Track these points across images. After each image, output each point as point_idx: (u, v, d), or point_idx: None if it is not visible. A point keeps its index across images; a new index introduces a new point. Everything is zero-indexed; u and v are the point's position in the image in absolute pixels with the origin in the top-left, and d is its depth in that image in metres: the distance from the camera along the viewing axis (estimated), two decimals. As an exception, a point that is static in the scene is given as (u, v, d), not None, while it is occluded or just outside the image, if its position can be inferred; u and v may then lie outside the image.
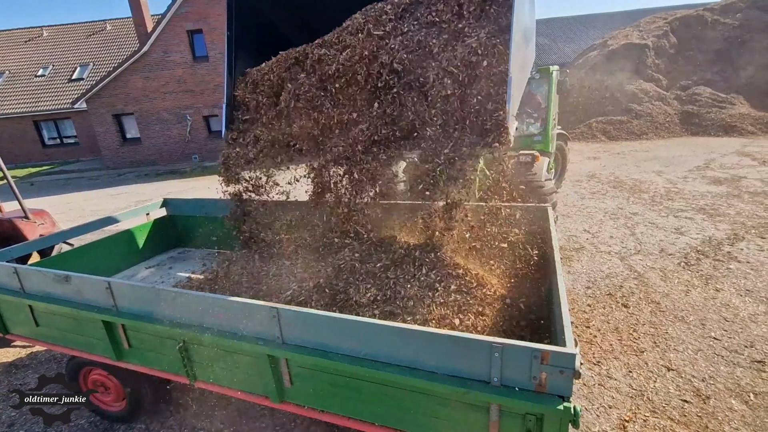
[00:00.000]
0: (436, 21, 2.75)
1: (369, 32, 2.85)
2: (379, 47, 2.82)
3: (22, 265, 3.26)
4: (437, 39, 2.69)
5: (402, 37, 2.79)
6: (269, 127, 3.34)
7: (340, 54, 2.95)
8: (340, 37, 3.00)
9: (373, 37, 2.84)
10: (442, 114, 2.62)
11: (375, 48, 2.82)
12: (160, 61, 16.39)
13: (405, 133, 2.79)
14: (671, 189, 8.47)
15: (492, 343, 1.55)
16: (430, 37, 2.71)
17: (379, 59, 2.80)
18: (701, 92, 15.13)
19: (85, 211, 10.67)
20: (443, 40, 2.67)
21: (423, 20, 2.81)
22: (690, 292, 4.63)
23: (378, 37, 2.84)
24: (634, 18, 20.99)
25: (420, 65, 2.71)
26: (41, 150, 22.35)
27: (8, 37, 25.13)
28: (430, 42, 2.69)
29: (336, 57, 2.96)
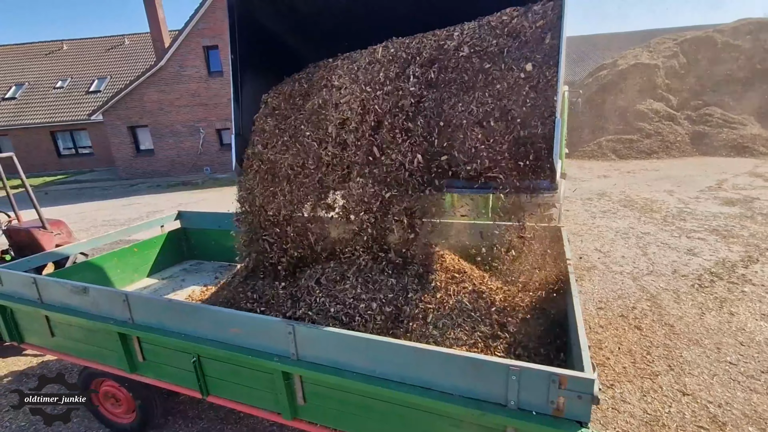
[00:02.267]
0: (478, 51, 2.56)
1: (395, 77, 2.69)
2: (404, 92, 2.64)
3: (40, 275, 3.33)
4: (474, 73, 2.51)
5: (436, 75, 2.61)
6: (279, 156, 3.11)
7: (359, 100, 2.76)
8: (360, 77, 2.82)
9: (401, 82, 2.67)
10: (485, 152, 2.38)
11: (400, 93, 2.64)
12: (176, 75, 16.81)
13: (439, 172, 2.59)
14: (683, 209, 8.40)
15: (509, 366, 1.55)
16: (466, 72, 2.54)
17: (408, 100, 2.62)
18: (712, 113, 15.10)
19: (97, 220, 10.84)
20: (484, 71, 2.49)
21: (459, 56, 2.60)
22: (704, 315, 4.56)
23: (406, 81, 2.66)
24: (643, 39, 21.17)
25: (456, 102, 2.52)
26: (56, 160, 22.86)
27: (29, 50, 25.99)
28: (466, 77, 2.53)
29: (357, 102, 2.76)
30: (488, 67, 2.49)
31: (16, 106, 22.61)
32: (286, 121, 3.20)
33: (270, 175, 3.11)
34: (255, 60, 3.34)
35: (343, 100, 2.84)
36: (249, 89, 3.38)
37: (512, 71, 2.40)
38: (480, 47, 2.55)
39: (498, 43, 2.50)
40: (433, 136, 2.55)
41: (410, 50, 2.76)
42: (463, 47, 2.59)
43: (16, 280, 3.05)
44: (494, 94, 2.43)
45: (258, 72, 3.39)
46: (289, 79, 3.43)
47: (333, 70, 3.13)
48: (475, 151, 2.41)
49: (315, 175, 2.92)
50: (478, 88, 2.49)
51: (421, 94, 2.62)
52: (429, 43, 2.73)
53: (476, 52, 2.55)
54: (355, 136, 2.76)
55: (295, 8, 3.19)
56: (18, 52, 25.99)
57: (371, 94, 2.72)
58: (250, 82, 3.37)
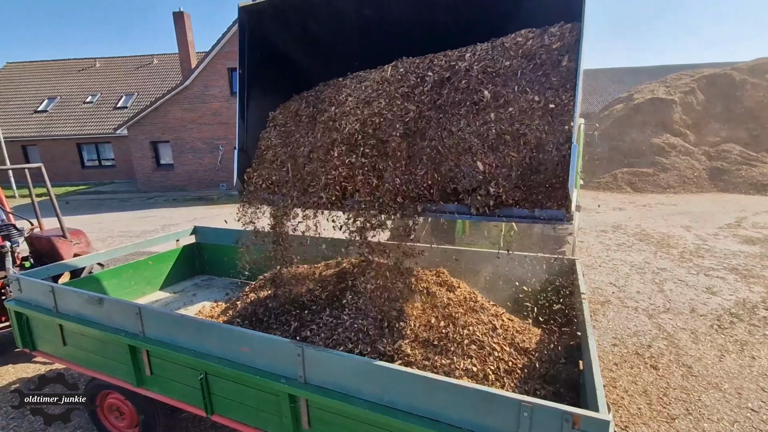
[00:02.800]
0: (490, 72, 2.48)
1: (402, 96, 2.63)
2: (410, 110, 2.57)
3: (57, 284, 3.40)
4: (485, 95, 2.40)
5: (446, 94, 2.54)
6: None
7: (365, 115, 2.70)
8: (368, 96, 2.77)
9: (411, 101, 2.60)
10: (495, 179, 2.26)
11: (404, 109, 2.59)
12: (200, 94, 17.44)
13: (444, 194, 2.51)
14: (701, 245, 8.21)
15: (522, 402, 1.51)
16: (476, 93, 2.45)
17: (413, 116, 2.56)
18: (730, 149, 14.95)
19: (114, 231, 11.06)
20: (496, 93, 2.39)
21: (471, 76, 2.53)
22: (724, 357, 4.38)
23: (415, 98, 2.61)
24: (659, 74, 21.31)
25: (465, 124, 2.42)
26: (80, 170, 23.63)
27: (64, 66, 27.36)
28: (476, 98, 2.42)
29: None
30: (500, 89, 2.37)
31: (47, 118, 23.62)
32: (289, 139, 3.16)
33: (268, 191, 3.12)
34: (263, 77, 3.32)
35: (345, 120, 2.78)
36: (255, 106, 3.35)
37: (526, 94, 2.29)
38: (492, 68, 2.44)
39: (511, 65, 2.39)
40: (439, 160, 2.44)
41: (419, 70, 2.69)
42: (474, 68, 2.49)
43: (34, 288, 3.12)
44: (506, 117, 2.30)
45: (265, 89, 3.37)
46: (298, 96, 3.40)
47: (340, 89, 3.08)
48: (483, 177, 2.29)
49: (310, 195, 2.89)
50: (489, 110, 2.36)
51: (429, 116, 2.53)
52: (439, 63, 2.66)
53: (488, 73, 2.44)
54: (356, 158, 2.67)
55: (308, 28, 3.15)
56: (54, 67, 27.37)
57: (376, 114, 2.64)
58: (256, 99, 3.35)
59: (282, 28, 3.22)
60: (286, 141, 3.17)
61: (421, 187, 2.48)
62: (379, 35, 2.97)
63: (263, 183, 3.13)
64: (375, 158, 2.61)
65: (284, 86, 3.48)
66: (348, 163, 2.69)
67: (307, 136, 3.06)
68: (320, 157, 2.85)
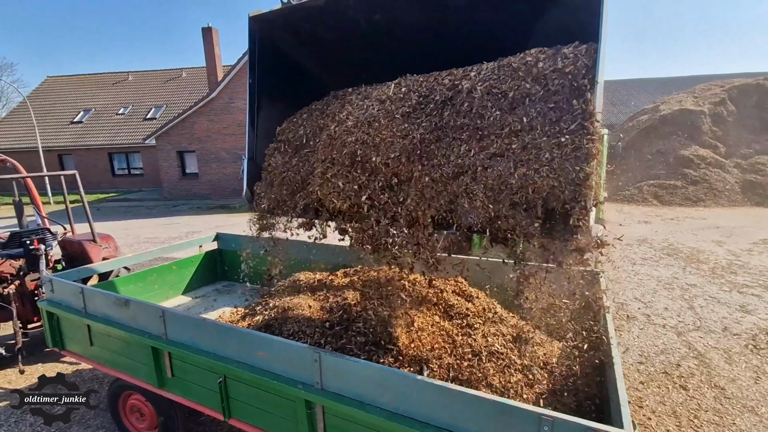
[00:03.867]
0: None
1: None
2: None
3: (87, 286, 3.53)
4: (491, 120, 2.21)
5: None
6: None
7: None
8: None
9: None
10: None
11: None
12: (225, 106, 18.00)
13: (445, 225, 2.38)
14: (734, 261, 7.85)
15: (542, 416, 1.47)
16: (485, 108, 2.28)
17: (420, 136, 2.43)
18: (765, 162, 14.34)
19: (140, 237, 11.43)
20: (502, 119, 2.21)
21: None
22: (760, 379, 4.14)
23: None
24: (686, 85, 20.75)
25: (467, 150, 2.25)
26: (111, 178, 24.64)
27: (100, 79, 28.78)
28: (479, 123, 2.25)
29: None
30: (506, 115, 2.16)
31: (82, 129, 24.82)
32: (292, 158, 3.12)
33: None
34: (274, 86, 3.29)
35: (343, 140, 2.68)
36: (266, 116, 3.34)
37: (535, 130, 2.05)
38: (498, 90, 2.24)
39: (520, 88, 2.18)
40: (431, 195, 2.27)
41: (422, 89, 2.57)
42: (477, 88, 2.32)
43: (65, 289, 3.25)
44: (513, 147, 2.07)
45: (276, 99, 3.35)
46: (306, 108, 3.39)
47: (344, 104, 3.02)
48: (483, 209, 2.07)
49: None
50: (494, 137, 2.16)
51: (429, 139, 2.37)
52: (444, 82, 2.52)
53: (493, 95, 2.26)
54: (350, 183, 2.57)
55: (318, 36, 3.13)
56: (90, 81, 28.84)
57: (374, 137, 2.53)
58: (267, 109, 3.33)
59: (292, 37, 3.21)
60: (290, 160, 3.13)
61: (416, 217, 2.32)
62: (389, 41, 2.95)
63: (268, 205, 3.08)
64: (369, 183, 2.49)
65: (295, 95, 3.46)
66: (340, 186, 2.57)
67: (308, 155, 3.01)
68: (317, 178, 2.77)
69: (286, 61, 3.35)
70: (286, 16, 2.98)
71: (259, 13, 3.04)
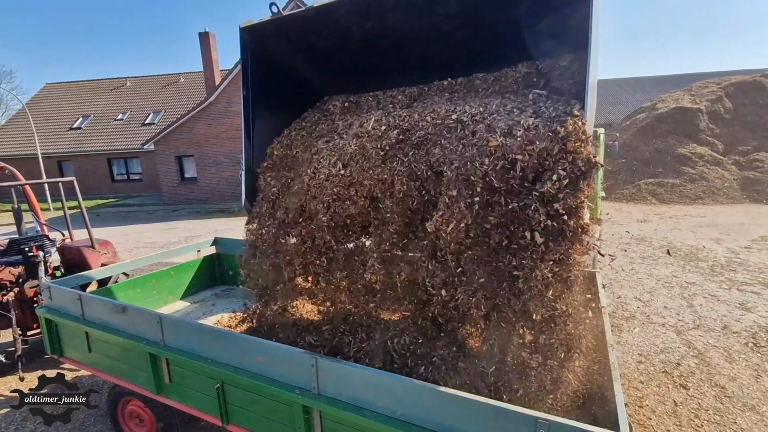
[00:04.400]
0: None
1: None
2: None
3: (85, 292, 3.52)
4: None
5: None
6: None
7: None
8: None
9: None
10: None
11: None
12: (223, 110, 18.01)
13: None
14: (733, 259, 7.85)
15: (537, 419, 1.47)
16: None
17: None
18: (763, 159, 14.35)
19: (139, 242, 11.43)
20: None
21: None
22: (761, 377, 4.14)
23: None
24: (683, 83, 20.78)
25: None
26: (110, 184, 24.64)
27: (99, 86, 28.83)
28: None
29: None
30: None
31: (81, 135, 24.84)
32: (278, 184, 3.18)
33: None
34: (268, 95, 3.33)
35: (317, 179, 2.74)
36: (261, 124, 3.37)
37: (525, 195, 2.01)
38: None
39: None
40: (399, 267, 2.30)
41: (403, 125, 2.56)
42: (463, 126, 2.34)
43: (63, 296, 3.25)
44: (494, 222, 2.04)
45: (272, 108, 3.39)
46: (296, 125, 3.43)
47: (331, 130, 3.10)
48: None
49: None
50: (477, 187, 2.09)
51: (407, 187, 2.38)
52: (427, 120, 2.53)
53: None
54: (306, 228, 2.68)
55: (311, 44, 3.16)
56: (88, 87, 28.89)
57: (344, 178, 2.57)
58: (262, 118, 3.36)
59: (285, 46, 3.24)
60: (277, 187, 3.18)
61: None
62: (382, 47, 2.98)
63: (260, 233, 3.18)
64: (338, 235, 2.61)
65: (291, 103, 3.49)
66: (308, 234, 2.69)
67: (290, 186, 3.07)
68: (296, 216, 2.88)
69: (280, 69, 3.36)
70: (277, 26, 2.99)
71: (250, 24, 3.04)
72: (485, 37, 2.69)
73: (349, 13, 2.76)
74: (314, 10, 2.73)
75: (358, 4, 2.64)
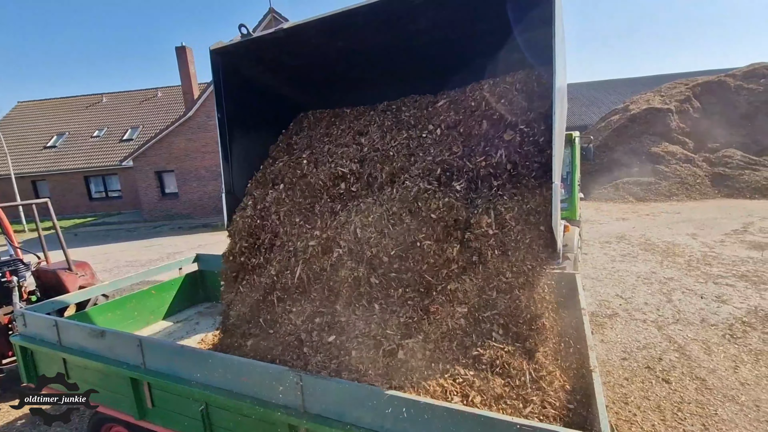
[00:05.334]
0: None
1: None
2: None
3: (61, 317, 3.42)
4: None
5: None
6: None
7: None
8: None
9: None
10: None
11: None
12: (203, 124, 17.82)
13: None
14: (708, 253, 8.11)
15: (521, 426, 1.49)
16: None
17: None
18: (732, 155, 14.92)
19: (120, 261, 11.15)
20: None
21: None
22: (739, 368, 4.27)
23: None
24: (653, 84, 21.50)
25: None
26: (87, 202, 24.00)
27: (74, 103, 28.19)
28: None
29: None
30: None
31: (56, 154, 24.19)
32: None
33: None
34: (243, 116, 3.33)
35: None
36: (239, 146, 3.38)
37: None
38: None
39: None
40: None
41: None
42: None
43: (39, 323, 3.15)
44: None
45: (247, 128, 3.38)
46: (270, 159, 3.49)
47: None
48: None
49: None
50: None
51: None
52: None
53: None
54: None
55: (283, 63, 3.18)
56: (63, 104, 28.22)
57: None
58: (239, 139, 3.36)
59: (257, 65, 3.24)
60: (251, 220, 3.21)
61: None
62: (357, 63, 3.03)
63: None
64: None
65: (267, 121, 3.48)
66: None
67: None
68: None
69: (254, 89, 3.36)
70: (248, 47, 2.99)
71: (220, 46, 3.03)
72: (456, 51, 2.76)
73: (319, 33, 2.78)
74: (284, 32, 2.74)
75: (328, 24, 2.65)
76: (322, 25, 2.66)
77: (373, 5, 2.42)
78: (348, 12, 2.49)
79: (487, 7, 2.42)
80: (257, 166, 3.65)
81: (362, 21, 2.59)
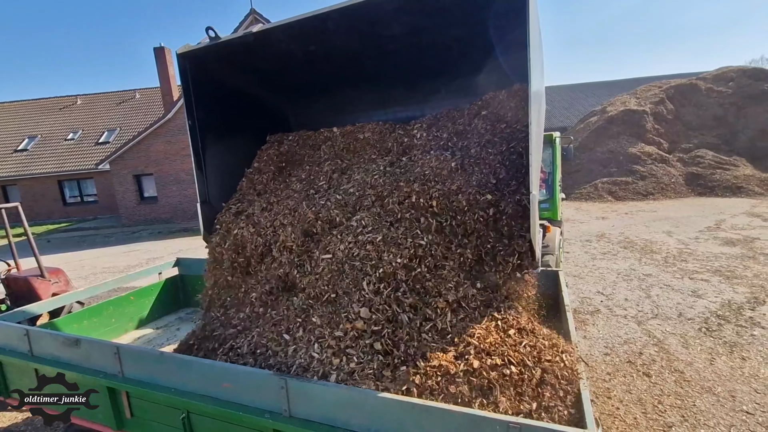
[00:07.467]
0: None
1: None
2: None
3: (33, 326, 3.28)
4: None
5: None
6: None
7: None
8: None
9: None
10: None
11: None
12: (182, 126, 17.38)
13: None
14: (683, 250, 8.37)
15: (509, 423, 1.49)
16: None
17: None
18: (703, 155, 15.48)
19: (96, 268, 10.80)
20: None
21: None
22: (715, 360, 4.41)
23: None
24: (629, 87, 22.16)
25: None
26: (62, 208, 23.19)
27: (45, 105, 27.23)
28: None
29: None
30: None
31: (27, 157, 23.31)
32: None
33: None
34: (216, 122, 3.19)
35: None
36: (213, 153, 3.24)
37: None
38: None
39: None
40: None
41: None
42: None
43: (8, 333, 3.00)
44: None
45: (221, 134, 3.26)
46: (237, 193, 3.41)
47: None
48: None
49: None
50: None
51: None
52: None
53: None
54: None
55: (254, 66, 3.11)
56: (34, 106, 27.22)
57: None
58: (213, 147, 3.22)
59: (227, 68, 3.14)
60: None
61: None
62: (329, 66, 2.99)
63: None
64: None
65: (242, 127, 3.38)
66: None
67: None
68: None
69: (226, 94, 3.25)
70: (217, 51, 2.90)
71: (188, 50, 2.90)
72: (431, 55, 2.77)
73: (289, 38, 2.73)
74: (252, 36, 2.67)
75: (297, 29, 2.59)
76: (291, 29, 2.60)
77: (344, 9, 2.36)
78: (319, 16, 2.43)
79: (461, 13, 2.43)
80: (236, 173, 3.53)
81: (333, 25, 2.54)
